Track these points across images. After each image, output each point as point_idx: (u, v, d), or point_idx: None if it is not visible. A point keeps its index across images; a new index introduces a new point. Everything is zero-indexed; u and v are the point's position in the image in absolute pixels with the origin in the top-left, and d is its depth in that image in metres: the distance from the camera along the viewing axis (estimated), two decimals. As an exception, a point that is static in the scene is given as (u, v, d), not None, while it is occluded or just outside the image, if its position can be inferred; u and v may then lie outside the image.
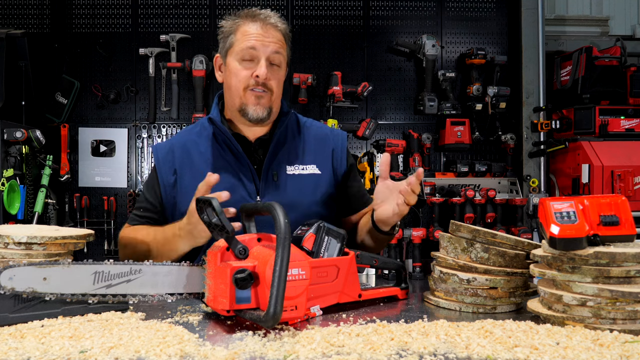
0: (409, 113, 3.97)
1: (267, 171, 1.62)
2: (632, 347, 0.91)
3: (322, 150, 1.72)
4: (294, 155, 1.68)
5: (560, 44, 4.16)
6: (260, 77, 1.55)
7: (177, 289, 1.15)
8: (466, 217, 3.57)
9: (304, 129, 1.74)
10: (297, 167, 1.66)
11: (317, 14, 3.90)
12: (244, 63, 1.58)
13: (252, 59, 1.58)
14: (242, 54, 1.58)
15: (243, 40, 1.58)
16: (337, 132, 1.79)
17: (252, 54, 1.57)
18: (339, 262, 1.25)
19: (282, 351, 0.91)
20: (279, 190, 1.61)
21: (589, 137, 3.64)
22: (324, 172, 1.69)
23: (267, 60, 1.57)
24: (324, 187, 1.67)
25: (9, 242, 1.19)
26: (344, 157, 1.75)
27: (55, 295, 1.07)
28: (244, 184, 1.60)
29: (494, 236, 1.26)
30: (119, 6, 3.82)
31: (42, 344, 0.93)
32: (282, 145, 1.68)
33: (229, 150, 1.64)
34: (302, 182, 1.65)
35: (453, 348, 0.92)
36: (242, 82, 1.58)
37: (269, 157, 1.63)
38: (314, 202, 1.64)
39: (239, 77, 1.58)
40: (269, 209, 1.06)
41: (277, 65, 1.61)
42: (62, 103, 3.72)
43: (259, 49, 1.56)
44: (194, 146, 1.68)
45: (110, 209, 3.76)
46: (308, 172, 1.66)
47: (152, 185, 1.71)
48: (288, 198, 1.59)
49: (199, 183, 1.59)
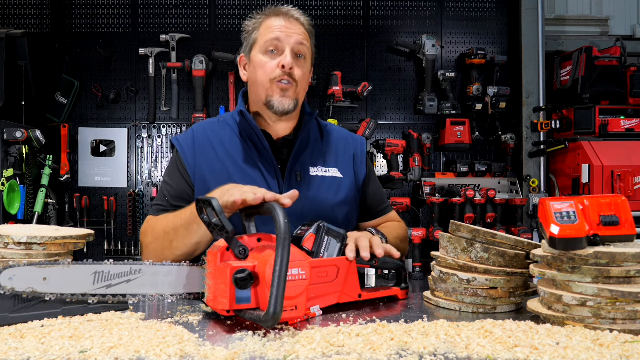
0: (409, 113, 3.97)
1: (290, 170, 1.61)
2: (632, 347, 0.91)
3: (344, 154, 1.72)
4: (317, 157, 1.67)
5: (560, 44, 4.16)
6: (286, 66, 1.54)
7: (177, 289, 1.15)
8: (466, 217, 3.57)
9: (325, 132, 1.74)
10: (320, 169, 1.65)
11: (317, 14, 3.90)
12: (269, 55, 1.58)
13: (277, 50, 1.57)
14: (267, 46, 1.58)
15: (267, 34, 1.58)
16: (356, 137, 1.80)
17: (276, 45, 1.57)
18: (339, 262, 1.25)
19: (282, 351, 0.91)
20: (301, 190, 1.57)
21: (589, 137, 3.64)
22: (346, 176, 1.69)
23: (292, 51, 1.57)
24: (345, 191, 1.67)
25: (9, 242, 1.19)
26: (363, 162, 1.75)
27: (55, 295, 1.07)
28: (266, 181, 1.59)
29: (494, 236, 1.26)
30: (119, 6, 3.82)
31: (42, 344, 0.93)
32: (306, 146, 1.67)
33: (253, 146, 1.62)
34: (324, 183, 1.64)
35: (453, 348, 0.92)
36: (268, 73, 1.57)
37: (293, 157, 1.62)
38: (335, 204, 1.63)
39: (265, 68, 1.58)
40: (269, 209, 1.06)
41: (302, 57, 1.60)
42: (62, 103, 3.72)
43: (283, 39, 1.56)
44: (215, 135, 1.65)
45: (110, 209, 3.77)
46: (330, 175, 1.66)
47: (177, 174, 1.63)
48: (311, 198, 1.59)
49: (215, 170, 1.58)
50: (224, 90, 3.82)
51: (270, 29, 1.58)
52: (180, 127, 3.83)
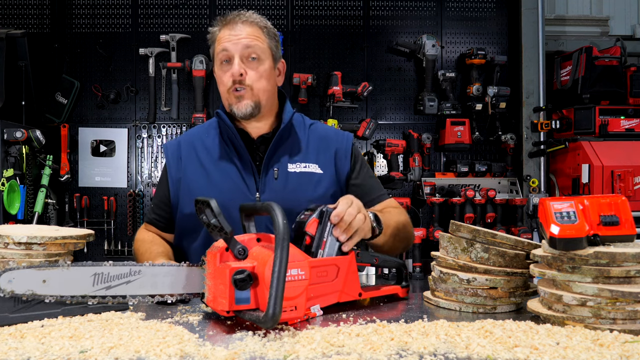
0: (409, 113, 3.97)
1: (267, 167, 1.65)
2: (632, 347, 0.91)
3: (325, 150, 1.73)
4: (296, 152, 1.70)
5: (560, 44, 4.16)
6: (234, 75, 1.60)
7: (177, 289, 1.15)
8: (466, 217, 3.57)
9: (308, 129, 1.76)
10: (298, 164, 1.67)
11: (317, 14, 3.90)
12: (223, 67, 1.64)
13: (229, 60, 1.62)
14: (220, 58, 1.64)
15: (218, 47, 1.64)
16: (342, 134, 1.80)
17: (226, 55, 1.62)
18: (339, 261, 1.25)
19: (282, 351, 0.91)
20: (278, 186, 1.63)
21: (589, 137, 3.64)
22: (326, 172, 1.69)
23: (241, 58, 1.61)
24: (325, 186, 1.68)
25: (9, 242, 1.19)
26: (347, 157, 1.75)
27: (55, 297, 1.07)
28: (243, 177, 1.64)
29: (494, 236, 1.26)
30: (119, 6, 3.82)
31: (42, 344, 0.93)
32: (284, 142, 1.69)
33: (231, 144, 1.68)
34: (302, 179, 1.66)
35: (453, 348, 0.92)
36: (224, 84, 1.64)
37: (269, 153, 1.65)
38: (313, 199, 1.64)
39: (221, 81, 1.65)
40: (268, 209, 1.05)
41: (256, 58, 1.62)
42: (62, 103, 3.72)
43: (230, 49, 1.61)
44: (200, 142, 1.73)
45: (110, 209, 3.76)
46: (310, 171, 1.67)
47: (162, 182, 1.78)
48: (287, 194, 1.61)
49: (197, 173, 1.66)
50: (224, 91, 3.81)
51: (219, 41, 1.64)
52: (180, 127, 3.83)
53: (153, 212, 1.77)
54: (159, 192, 1.77)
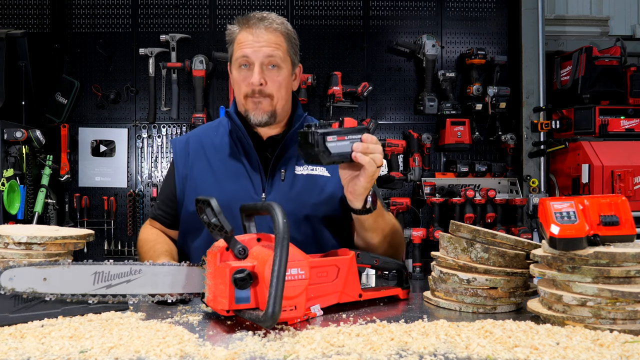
0: (409, 113, 3.97)
1: (274, 168, 1.64)
2: (632, 347, 0.91)
3: None
4: None
5: (560, 44, 4.16)
6: (254, 84, 1.58)
7: (177, 289, 1.15)
8: (466, 217, 3.57)
9: None
10: (306, 167, 1.66)
11: (317, 14, 3.90)
12: (241, 71, 1.61)
13: (248, 65, 1.60)
14: (239, 62, 1.62)
15: (238, 50, 1.61)
16: None
17: (246, 60, 1.60)
18: (339, 261, 1.25)
19: (282, 351, 0.91)
20: (284, 187, 1.62)
21: (589, 137, 3.64)
22: (333, 175, 1.68)
23: (261, 66, 1.58)
24: (331, 190, 1.67)
25: (9, 242, 1.19)
26: None
27: (55, 295, 1.07)
28: (249, 176, 1.64)
29: (494, 236, 1.26)
30: (119, 6, 3.82)
31: (42, 344, 0.93)
32: (293, 144, 1.68)
33: (240, 144, 1.67)
34: (309, 182, 1.65)
35: (453, 348, 0.92)
36: (241, 89, 1.62)
37: (277, 155, 1.65)
38: (317, 202, 1.64)
39: (238, 84, 1.63)
40: (268, 208, 1.06)
41: (276, 67, 1.61)
42: (62, 103, 3.72)
43: (251, 55, 1.58)
44: (209, 139, 1.72)
45: (110, 209, 3.76)
46: (317, 174, 1.67)
47: (168, 178, 1.77)
48: (292, 196, 1.61)
49: (207, 175, 1.65)
50: (224, 90, 3.82)
51: (240, 44, 1.61)
52: (180, 127, 3.83)
53: (158, 208, 1.76)
54: (165, 188, 1.77)
